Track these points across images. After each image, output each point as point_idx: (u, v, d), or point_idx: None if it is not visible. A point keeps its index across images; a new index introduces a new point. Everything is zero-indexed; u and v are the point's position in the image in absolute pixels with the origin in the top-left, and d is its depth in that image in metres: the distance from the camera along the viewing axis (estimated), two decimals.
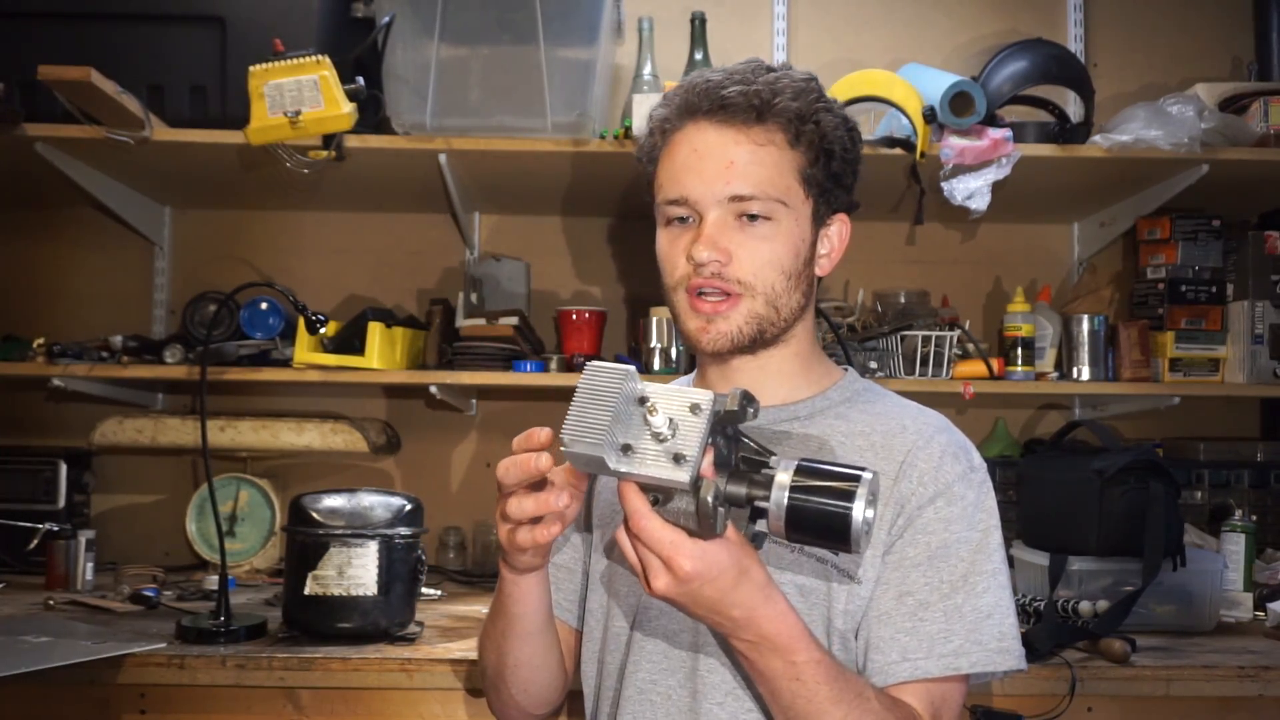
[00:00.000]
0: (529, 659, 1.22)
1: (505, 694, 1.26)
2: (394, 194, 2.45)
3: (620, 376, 0.92)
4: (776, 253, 1.15)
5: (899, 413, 1.21)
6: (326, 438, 2.33)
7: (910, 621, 1.09)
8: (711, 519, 0.91)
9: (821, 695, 1.00)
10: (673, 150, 1.17)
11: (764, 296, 1.15)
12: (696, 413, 0.91)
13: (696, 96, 1.16)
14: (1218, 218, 2.35)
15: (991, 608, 1.10)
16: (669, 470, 0.89)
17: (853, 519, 0.90)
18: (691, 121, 1.16)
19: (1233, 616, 1.98)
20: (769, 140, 1.14)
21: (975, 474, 1.16)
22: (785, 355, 1.21)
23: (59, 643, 1.64)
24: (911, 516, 1.12)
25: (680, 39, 2.38)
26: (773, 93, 1.14)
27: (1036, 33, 2.47)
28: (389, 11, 2.05)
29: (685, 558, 0.92)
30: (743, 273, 1.14)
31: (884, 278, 2.54)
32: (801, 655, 0.99)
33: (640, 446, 0.91)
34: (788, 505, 0.91)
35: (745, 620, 0.98)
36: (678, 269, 1.16)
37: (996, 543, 1.15)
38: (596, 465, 0.91)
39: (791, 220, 1.16)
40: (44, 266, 2.58)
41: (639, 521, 0.93)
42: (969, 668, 1.08)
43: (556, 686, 1.28)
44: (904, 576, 1.11)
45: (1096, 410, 2.53)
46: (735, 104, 1.13)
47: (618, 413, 0.91)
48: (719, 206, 1.14)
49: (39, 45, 2.05)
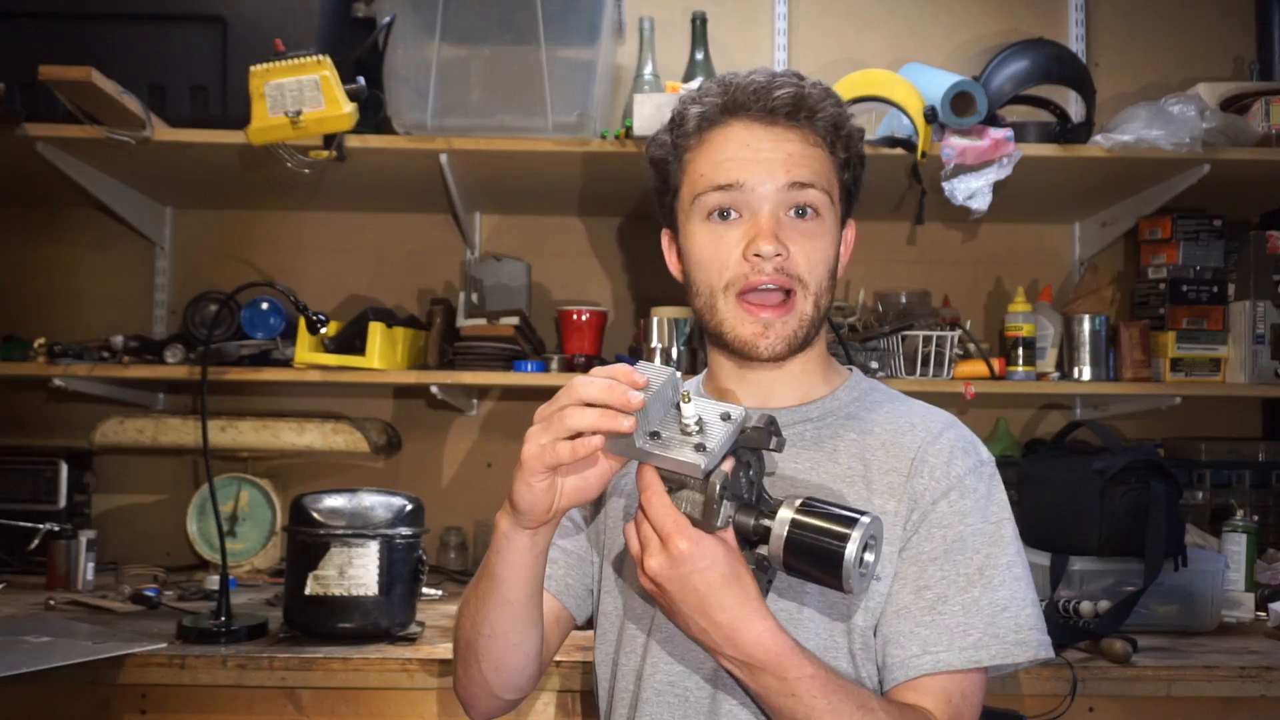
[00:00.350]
0: (505, 631, 1.15)
1: (474, 669, 1.19)
2: (395, 194, 2.45)
3: (664, 376, 1.00)
4: (825, 250, 1.16)
5: (907, 411, 1.22)
6: (327, 438, 2.33)
7: (929, 615, 1.10)
8: (716, 506, 0.97)
9: (820, 709, 1.01)
10: (714, 145, 1.16)
11: (814, 296, 1.15)
12: (726, 420, 0.99)
13: (744, 95, 1.15)
14: (1219, 217, 2.35)
15: (1008, 600, 1.11)
16: (689, 455, 0.96)
17: (845, 556, 0.96)
18: (735, 119, 1.16)
19: (1234, 617, 1.98)
20: (816, 142, 1.17)
21: (985, 467, 1.18)
22: (802, 359, 1.21)
23: (60, 643, 1.64)
24: (926, 512, 1.13)
25: (681, 39, 2.39)
26: (819, 97, 1.16)
27: (1038, 32, 2.47)
28: (390, 11, 2.05)
29: (683, 538, 0.97)
30: (800, 269, 1.14)
31: (885, 278, 2.54)
32: (793, 672, 1.00)
33: (667, 436, 0.99)
34: (786, 536, 0.99)
35: (728, 629, 0.99)
36: (728, 268, 1.14)
37: (1011, 534, 1.15)
38: (624, 443, 0.98)
39: (832, 219, 1.18)
40: (45, 266, 2.59)
41: (649, 496, 0.98)
42: (989, 660, 1.09)
43: (529, 673, 1.21)
44: (921, 571, 1.11)
45: (1098, 410, 2.52)
46: (785, 105, 1.14)
47: (653, 404, 0.98)
48: (777, 196, 1.13)
49: (39, 45, 2.06)
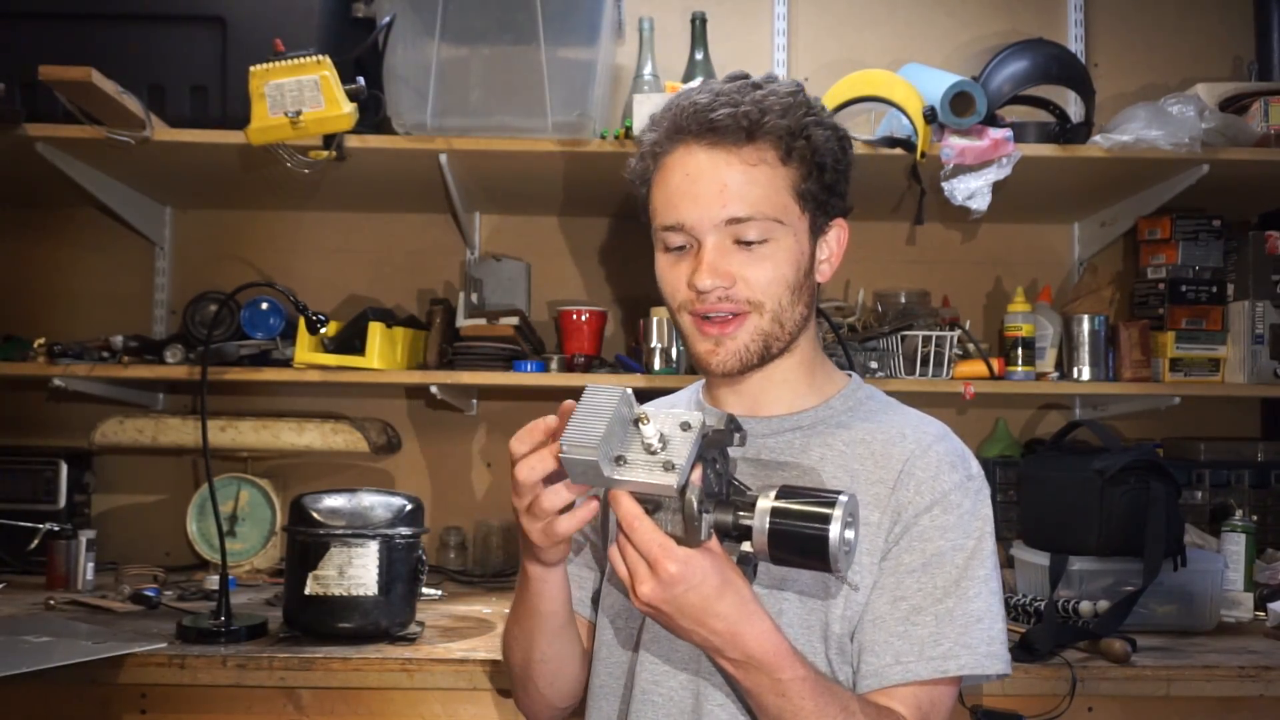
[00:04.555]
0: (557, 654, 1.24)
1: (533, 690, 1.28)
2: (394, 194, 2.45)
3: (616, 396, 0.98)
4: (780, 270, 1.15)
5: (899, 421, 1.22)
6: (327, 438, 2.33)
7: (903, 626, 1.11)
8: (697, 522, 0.97)
9: (807, 710, 1.03)
10: (665, 175, 1.16)
11: (771, 313, 1.15)
12: (686, 429, 0.97)
13: (685, 119, 1.14)
14: (1218, 218, 2.35)
15: (982, 613, 1.12)
16: (659, 476, 0.95)
17: (829, 539, 0.96)
18: (681, 144, 1.15)
19: (1233, 616, 1.98)
20: (760, 160, 1.13)
21: (972, 482, 1.17)
22: (790, 365, 1.21)
23: (60, 642, 1.64)
24: (908, 524, 1.13)
25: (680, 39, 2.39)
26: (761, 111, 1.12)
27: (1037, 33, 2.47)
28: (389, 11, 2.05)
29: (671, 560, 0.96)
30: (750, 292, 1.14)
31: (884, 278, 2.54)
32: (786, 673, 1.02)
33: (632, 458, 0.97)
34: (769, 530, 0.98)
35: (729, 635, 1.00)
36: (679, 293, 1.17)
37: (990, 550, 1.16)
38: (592, 473, 0.96)
39: (790, 237, 1.15)
40: (44, 266, 2.59)
41: (631, 522, 0.97)
42: (957, 670, 1.10)
43: (581, 678, 1.29)
44: (899, 582, 1.12)
45: (1097, 410, 2.53)
46: (724, 126, 1.12)
47: (612, 428, 0.96)
48: (716, 231, 1.13)
49: (39, 45, 2.05)
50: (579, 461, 0.95)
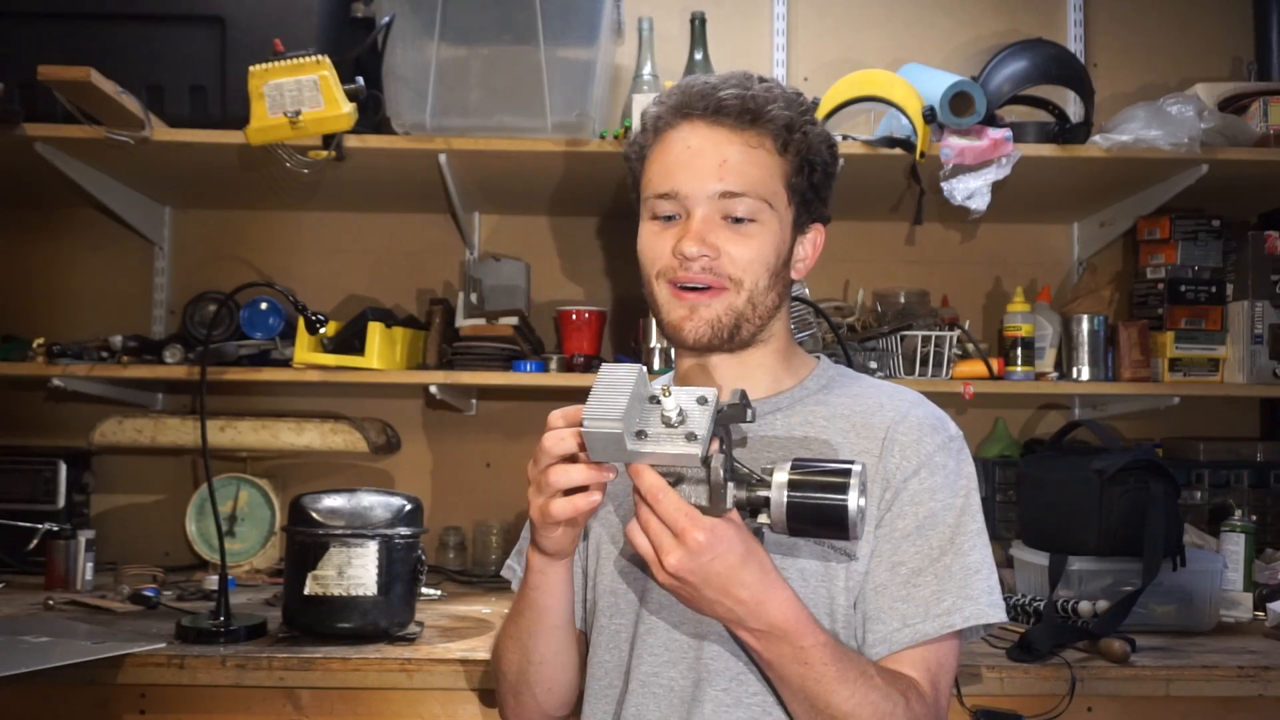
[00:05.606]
0: (554, 655, 1.24)
1: (526, 696, 1.26)
2: (394, 194, 2.45)
3: (634, 373, 0.99)
4: (762, 251, 1.18)
5: (875, 392, 1.25)
6: (326, 438, 2.33)
7: (905, 589, 1.14)
8: (722, 490, 0.98)
9: (829, 676, 1.05)
10: (665, 146, 1.20)
11: (748, 293, 1.18)
12: (703, 404, 0.99)
13: (692, 97, 1.19)
14: (1217, 218, 2.35)
15: (979, 564, 1.15)
16: (682, 447, 0.97)
17: (849, 508, 0.98)
18: (685, 120, 1.20)
19: (1232, 616, 1.98)
20: (760, 144, 1.18)
21: (953, 443, 1.21)
22: (765, 353, 1.25)
23: (59, 643, 1.64)
24: (898, 490, 1.16)
25: (680, 39, 2.39)
26: (766, 100, 1.18)
27: (1036, 33, 2.47)
28: (389, 11, 2.05)
29: (699, 529, 0.98)
30: (733, 268, 1.17)
31: (884, 278, 2.54)
32: (808, 640, 1.04)
33: (653, 431, 0.98)
34: (788, 503, 0.99)
35: (753, 604, 1.02)
36: (660, 260, 1.20)
37: (977, 505, 1.19)
38: (615, 446, 0.97)
39: (775, 222, 1.20)
40: (44, 266, 2.58)
41: (655, 494, 0.98)
42: (963, 622, 1.13)
43: (575, 685, 1.28)
44: (895, 548, 1.15)
45: (1096, 410, 2.53)
46: (730, 106, 1.17)
47: (632, 402, 0.98)
48: (708, 202, 1.17)
49: (39, 45, 2.05)
50: (602, 435, 0.96)
